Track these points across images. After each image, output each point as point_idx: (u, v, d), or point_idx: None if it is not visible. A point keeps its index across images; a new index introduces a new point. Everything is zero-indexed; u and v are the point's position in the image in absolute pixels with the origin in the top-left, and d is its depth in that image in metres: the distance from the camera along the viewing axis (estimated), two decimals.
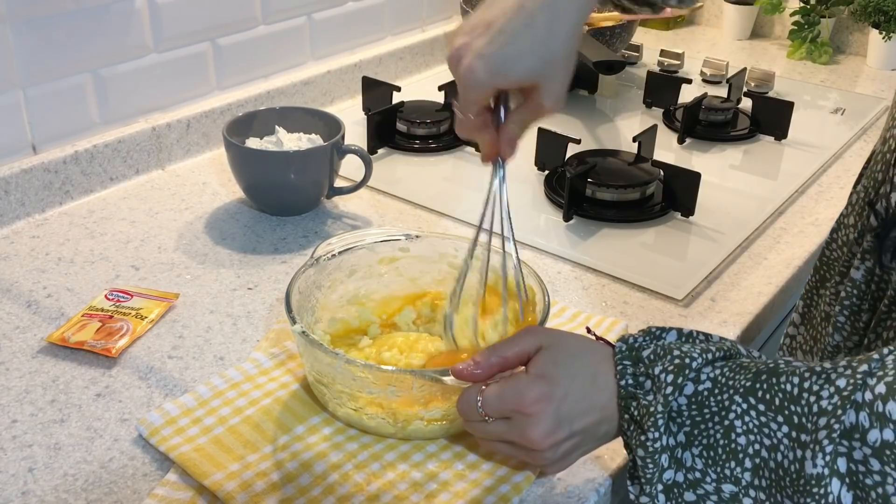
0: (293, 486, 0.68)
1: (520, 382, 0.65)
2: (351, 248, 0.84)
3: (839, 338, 0.78)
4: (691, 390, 0.62)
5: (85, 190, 1.12)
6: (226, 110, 1.25)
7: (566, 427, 0.65)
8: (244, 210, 1.10)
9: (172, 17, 1.17)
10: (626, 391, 0.64)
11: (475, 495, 0.68)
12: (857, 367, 0.56)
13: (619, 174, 1.14)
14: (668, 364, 0.62)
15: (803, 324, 0.87)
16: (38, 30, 1.04)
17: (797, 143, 1.34)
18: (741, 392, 0.60)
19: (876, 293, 0.74)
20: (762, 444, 0.58)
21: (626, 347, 0.66)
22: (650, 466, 0.62)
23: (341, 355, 0.69)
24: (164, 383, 0.80)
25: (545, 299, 0.77)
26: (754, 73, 1.51)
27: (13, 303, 0.91)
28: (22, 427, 0.75)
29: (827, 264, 0.82)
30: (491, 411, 0.66)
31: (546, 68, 0.66)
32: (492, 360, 0.67)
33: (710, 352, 0.63)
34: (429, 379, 0.69)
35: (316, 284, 0.81)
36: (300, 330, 0.72)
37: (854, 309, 0.76)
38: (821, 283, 0.83)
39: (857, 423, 0.54)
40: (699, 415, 0.61)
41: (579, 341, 0.69)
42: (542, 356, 0.67)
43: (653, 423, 0.62)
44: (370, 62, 1.47)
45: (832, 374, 0.56)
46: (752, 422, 0.59)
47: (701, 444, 0.61)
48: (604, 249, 1.04)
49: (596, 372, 0.66)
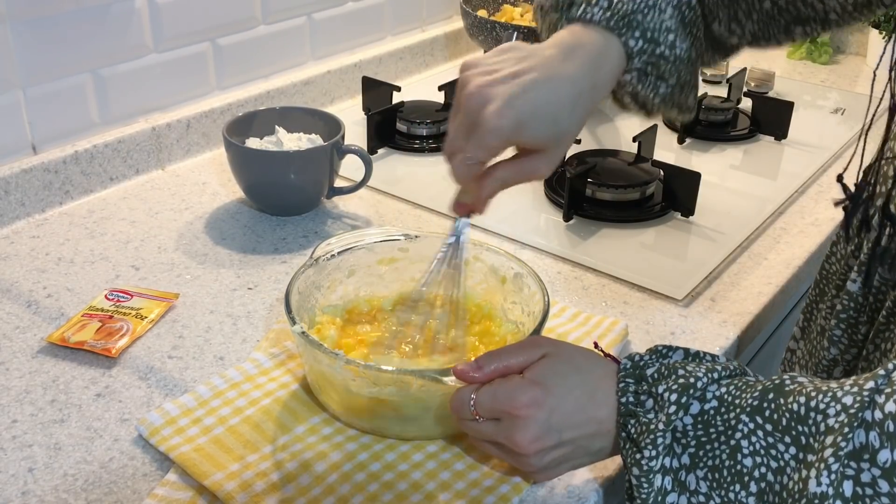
0: (293, 486, 0.68)
1: (513, 385, 0.65)
2: (350, 249, 0.84)
3: (835, 351, 0.77)
4: (697, 409, 0.60)
5: (85, 190, 1.12)
6: (226, 110, 1.25)
7: (555, 435, 0.64)
8: (244, 210, 1.10)
9: (172, 17, 1.17)
10: (626, 408, 0.63)
11: (475, 495, 0.68)
12: (864, 384, 0.54)
13: (619, 174, 1.14)
14: (672, 383, 0.61)
15: (803, 338, 0.86)
16: (38, 30, 1.04)
17: (797, 143, 1.34)
18: (748, 411, 0.58)
19: (874, 305, 0.73)
20: (769, 466, 0.57)
21: (630, 365, 0.65)
22: (645, 486, 0.61)
23: (341, 355, 0.69)
24: (164, 383, 0.80)
25: (545, 300, 0.77)
26: (754, 73, 1.51)
27: (13, 303, 0.91)
28: (22, 427, 0.75)
29: (826, 278, 0.81)
30: (482, 411, 0.66)
31: (562, 136, 0.65)
32: (493, 366, 0.67)
33: (715, 371, 0.62)
34: (429, 379, 0.69)
35: (315, 285, 0.81)
36: (300, 330, 0.72)
37: (851, 322, 0.75)
38: (819, 297, 0.83)
39: (866, 444, 0.52)
40: (705, 435, 0.60)
41: (585, 356, 0.68)
42: (542, 364, 0.66)
43: (650, 442, 0.61)
44: (370, 62, 1.47)
45: (838, 391, 0.55)
46: (759, 442, 0.57)
47: (706, 466, 0.60)
48: (604, 249, 1.04)
49: (597, 387, 0.65)
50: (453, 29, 1.62)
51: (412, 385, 0.70)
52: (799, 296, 1.14)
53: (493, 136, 0.63)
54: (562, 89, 0.64)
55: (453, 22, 1.64)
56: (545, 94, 0.63)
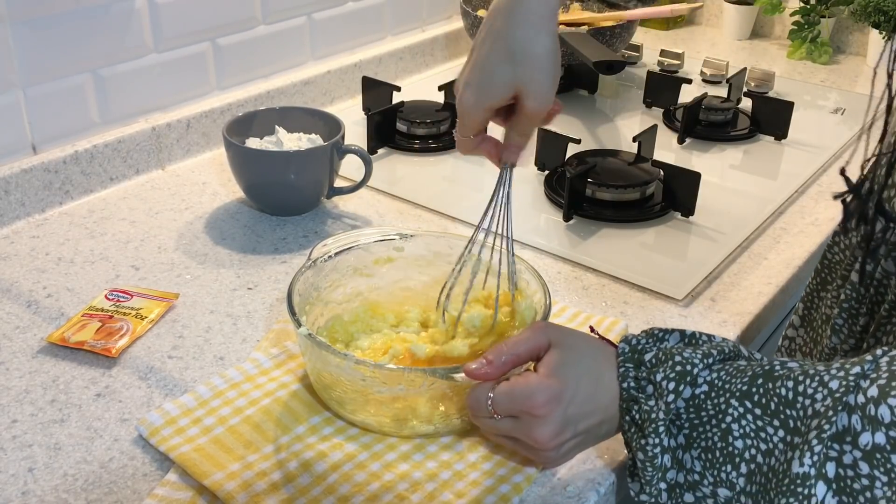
0: (293, 486, 0.68)
1: (531, 383, 0.66)
2: (347, 249, 0.84)
3: (836, 340, 0.78)
4: (689, 394, 0.63)
5: (85, 190, 1.12)
6: (226, 110, 1.25)
7: (571, 428, 0.66)
8: (244, 210, 1.10)
9: (172, 17, 1.17)
10: (629, 394, 0.65)
11: (475, 495, 0.68)
12: (850, 368, 0.56)
13: (619, 174, 1.14)
14: (669, 371, 0.63)
15: (803, 326, 0.87)
16: (38, 30, 1.04)
17: (797, 143, 1.34)
18: (737, 396, 0.60)
19: (875, 297, 0.74)
20: (758, 448, 0.59)
21: (628, 349, 0.67)
22: (649, 469, 0.64)
23: (350, 356, 0.70)
24: (164, 383, 0.80)
25: (546, 300, 0.77)
26: (754, 73, 1.51)
27: (13, 303, 0.91)
28: (22, 427, 0.75)
29: (829, 267, 0.82)
30: (501, 410, 0.67)
31: (523, 73, 0.69)
32: (503, 359, 0.68)
33: (710, 356, 0.64)
34: (440, 377, 0.69)
35: (314, 286, 0.81)
36: (306, 332, 0.72)
37: (852, 312, 0.76)
38: (822, 285, 0.83)
39: (849, 426, 0.54)
40: (696, 418, 0.62)
41: (586, 340, 0.70)
42: (552, 356, 0.67)
43: (653, 430, 0.63)
44: (370, 62, 1.47)
45: (825, 375, 0.57)
46: (749, 426, 0.59)
47: (699, 447, 0.62)
48: (604, 249, 1.04)
49: (600, 373, 0.67)
50: (453, 29, 1.62)
51: (422, 384, 0.70)
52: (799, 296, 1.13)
53: (466, 115, 0.72)
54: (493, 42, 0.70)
55: (453, 22, 1.64)
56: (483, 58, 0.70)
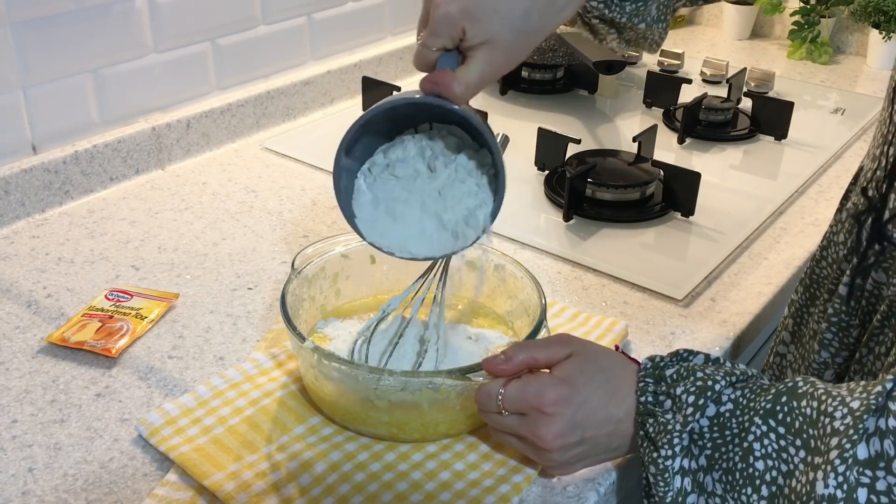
0: (293, 486, 0.68)
1: (542, 381, 0.66)
2: (327, 255, 0.84)
3: (826, 355, 0.78)
4: (713, 412, 0.62)
5: (85, 190, 1.12)
6: (226, 110, 1.25)
7: (578, 432, 0.66)
8: (244, 210, 1.10)
9: (172, 17, 1.17)
10: (645, 408, 0.65)
11: (475, 495, 0.68)
12: (871, 389, 0.56)
13: (619, 174, 1.14)
14: (690, 385, 0.63)
15: (793, 342, 0.86)
16: (38, 30, 1.04)
17: (797, 143, 1.34)
18: (761, 414, 0.60)
19: (867, 308, 0.74)
20: (779, 470, 0.58)
21: (651, 365, 0.67)
22: (661, 485, 0.63)
23: (363, 364, 0.69)
24: (164, 383, 0.80)
25: (541, 301, 0.77)
26: (754, 73, 1.51)
27: (13, 303, 0.91)
28: (22, 427, 0.75)
29: (817, 282, 0.82)
30: (510, 406, 0.67)
31: (512, 34, 0.65)
32: (521, 357, 0.68)
33: (733, 374, 0.63)
34: (456, 378, 0.69)
35: (299, 298, 0.80)
36: (311, 346, 0.71)
37: (843, 325, 0.76)
38: (811, 300, 0.83)
39: (881, 452, 0.53)
40: (720, 437, 0.62)
41: (608, 355, 0.70)
42: (570, 362, 0.68)
43: (667, 441, 0.62)
44: (370, 62, 1.47)
45: (847, 397, 0.57)
46: (772, 445, 0.59)
47: (721, 469, 0.61)
48: (604, 249, 1.04)
49: (618, 386, 0.67)
50: None
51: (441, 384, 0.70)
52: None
53: (440, 23, 0.64)
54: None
55: None
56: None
